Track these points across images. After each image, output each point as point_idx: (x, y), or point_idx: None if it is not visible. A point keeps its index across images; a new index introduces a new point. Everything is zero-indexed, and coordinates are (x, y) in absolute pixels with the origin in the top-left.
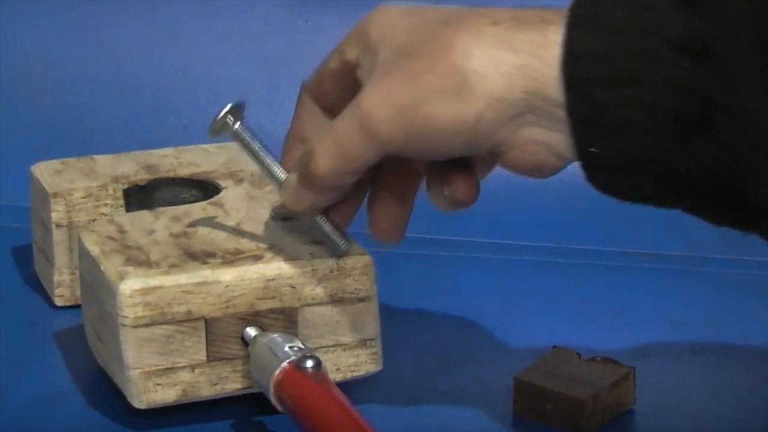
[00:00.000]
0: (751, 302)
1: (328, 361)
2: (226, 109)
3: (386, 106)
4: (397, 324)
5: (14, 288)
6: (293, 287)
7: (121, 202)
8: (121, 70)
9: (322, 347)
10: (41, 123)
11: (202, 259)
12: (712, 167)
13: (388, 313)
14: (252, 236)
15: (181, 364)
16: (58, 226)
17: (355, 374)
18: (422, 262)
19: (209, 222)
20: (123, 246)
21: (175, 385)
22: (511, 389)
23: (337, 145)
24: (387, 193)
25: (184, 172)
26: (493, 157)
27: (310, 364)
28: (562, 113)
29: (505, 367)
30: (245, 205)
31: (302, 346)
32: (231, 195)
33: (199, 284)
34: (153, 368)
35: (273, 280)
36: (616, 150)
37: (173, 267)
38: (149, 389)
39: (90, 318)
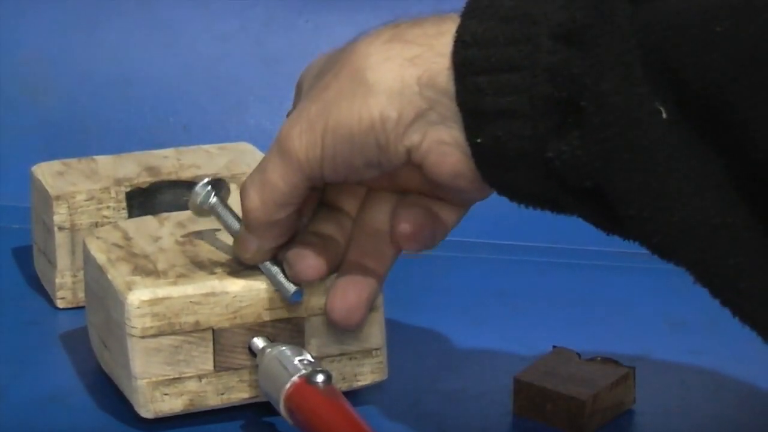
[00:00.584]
0: None
1: (334, 370)
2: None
3: (299, 124)
4: (397, 324)
5: (15, 288)
6: None
7: (124, 204)
8: (121, 70)
9: (328, 357)
10: (41, 123)
11: (209, 268)
12: (579, 157)
13: (388, 313)
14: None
15: (188, 374)
16: (60, 228)
17: (360, 383)
18: (422, 262)
19: (214, 229)
20: (129, 254)
21: (182, 395)
22: (511, 389)
23: (261, 175)
24: (357, 265)
25: (186, 174)
26: (432, 183)
27: (320, 378)
28: (455, 106)
29: (505, 367)
30: None
31: (311, 359)
32: (233, 198)
33: (207, 295)
34: (160, 378)
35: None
36: (496, 139)
37: (181, 277)
38: (156, 399)
39: (95, 324)
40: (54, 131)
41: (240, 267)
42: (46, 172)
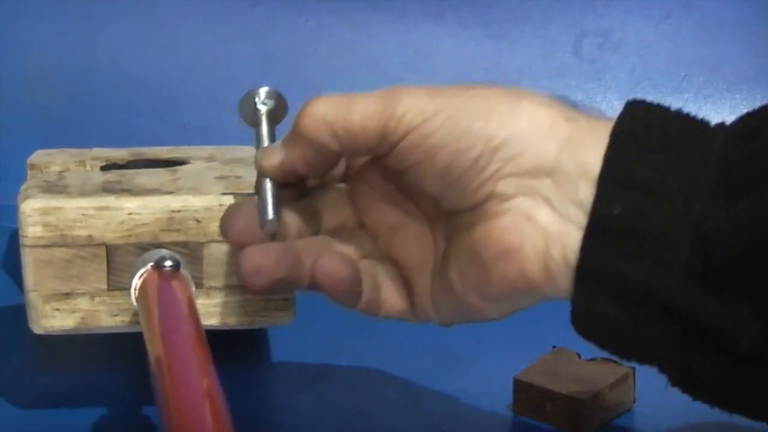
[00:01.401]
0: None
1: (236, 303)
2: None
3: (423, 94)
4: (397, 324)
5: (15, 288)
6: (199, 221)
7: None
8: (121, 69)
9: (228, 286)
10: (41, 123)
11: (115, 191)
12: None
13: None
14: (177, 181)
15: (80, 291)
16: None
17: (265, 320)
18: None
19: (148, 173)
20: (50, 185)
21: (73, 311)
22: (511, 389)
23: (345, 100)
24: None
25: (168, 155)
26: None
27: (168, 264)
28: (585, 203)
29: (505, 367)
30: (197, 170)
31: (174, 256)
32: (192, 166)
33: (101, 209)
34: (52, 292)
35: (178, 212)
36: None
37: (82, 194)
38: (47, 314)
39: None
40: (54, 131)
41: (145, 192)
42: (40, 154)
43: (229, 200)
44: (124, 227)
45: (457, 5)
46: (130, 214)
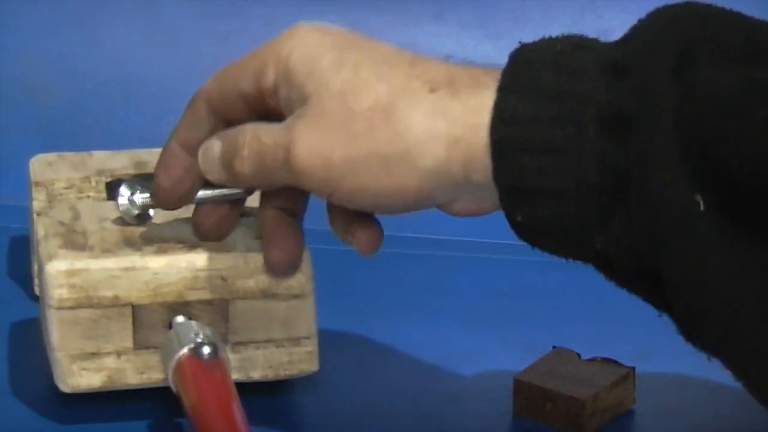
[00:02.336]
0: None
1: (261, 357)
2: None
3: (319, 160)
4: (397, 324)
5: (15, 288)
6: (224, 279)
7: (103, 194)
8: (121, 69)
9: (253, 342)
10: (41, 123)
11: (137, 246)
12: (626, 245)
13: (389, 313)
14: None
15: (106, 350)
16: (38, 214)
17: (288, 373)
18: (422, 262)
19: (164, 216)
20: (69, 231)
21: (100, 370)
22: (511, 389)
23: (261, 161)
24: (279, 214)
25: None
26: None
27: (207, 350)
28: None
29: (505, 367)
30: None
31: (211, 334)
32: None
33: (127, 269)
34: (78, 352)
35: (203, 270)
36: (538, 218)
37: (105, 252)
38: (74, 373)
39: (41, 303)
40: (54, 131)
41: (167, 246)
42: (41, 161)
43: (254, 257)
44: (149, 287)
45: (457, 5)
46: (155, 274)
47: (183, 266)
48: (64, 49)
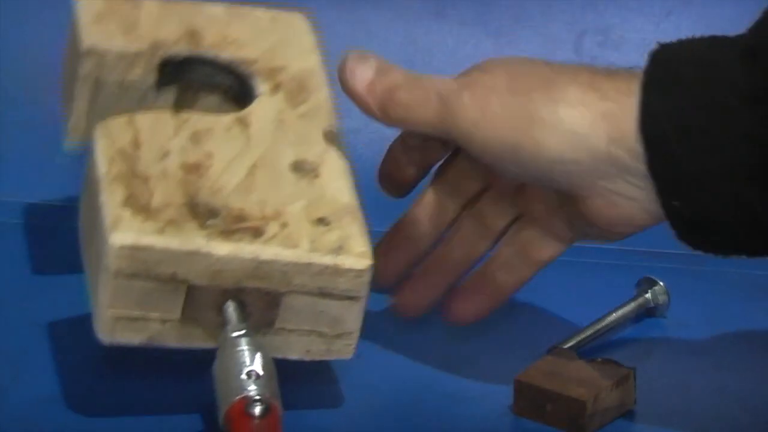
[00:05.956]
0: (751, 302)
1: (302, 343)
2: None
3: (477, 102)
4: (397, 324)
5: (15, 288)
6: (285, 273)
7: (154, 71)
8: None
9: (299, 330)
10: (41, 122)
11: (204, 217)
12: None
13: (389, 313)
14: (261, 194)
15: (153, 317)
16: (85, 79)
17: (324, 357)
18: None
19: (226, 154)
20: (130, 171)
21: (142, 331)
22: (512, 389)
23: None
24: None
25: (226, 52)
26: (580, 215)
27: (258, 410)
28: (643, 167)
29: (505, 367)
30: (270, 133)
31: (261, 373)
32: (261, 113)
33: (191, 254)
34: (125, 314)
35: (265, 263)
36: (697, 201)
37: (170, 224)
38: (116, 330)
39: (85, 226)
40: (54, 131)
41: (233, 224)
42: (87, 10)
43: (318, 258)
44: (209, 270)
45: (457, 3)
46: (218, 259)
47: (247, 257)
48: (63, 48)
